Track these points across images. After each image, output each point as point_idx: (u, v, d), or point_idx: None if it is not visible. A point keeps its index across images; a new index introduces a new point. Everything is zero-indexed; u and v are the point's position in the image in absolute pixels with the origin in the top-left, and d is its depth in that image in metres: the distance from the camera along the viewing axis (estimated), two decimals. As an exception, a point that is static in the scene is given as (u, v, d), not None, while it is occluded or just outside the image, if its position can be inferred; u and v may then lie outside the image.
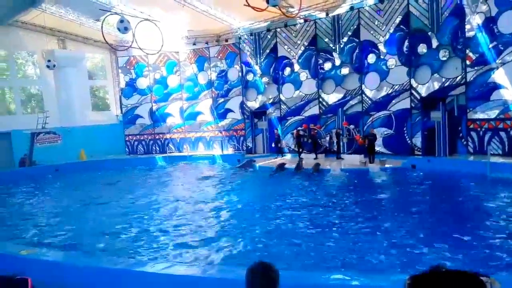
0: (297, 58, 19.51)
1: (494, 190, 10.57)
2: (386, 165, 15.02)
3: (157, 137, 24.08)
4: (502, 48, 13.72)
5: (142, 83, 23.88)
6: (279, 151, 19.60)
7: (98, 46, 24.56)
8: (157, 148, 24.04)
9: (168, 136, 23.93)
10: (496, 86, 14.00)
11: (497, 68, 13.90)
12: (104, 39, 15.66)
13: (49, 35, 22.71)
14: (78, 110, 23.74)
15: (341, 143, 17.76)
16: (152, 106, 23.88)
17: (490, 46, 13.99)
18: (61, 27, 22.51)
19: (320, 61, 18.77)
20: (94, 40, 23.88)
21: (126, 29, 15.20)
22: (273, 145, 20.22)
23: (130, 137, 24.36)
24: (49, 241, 8.16)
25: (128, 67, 23.97)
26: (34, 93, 25.37)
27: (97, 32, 18.70)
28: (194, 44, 22.51)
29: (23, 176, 18.38)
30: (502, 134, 14.04)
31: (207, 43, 22.44)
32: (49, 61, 19.65)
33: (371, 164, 15.03)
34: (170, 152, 23.43)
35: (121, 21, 15.11)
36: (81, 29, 22.30)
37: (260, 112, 21.36)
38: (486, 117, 14.41)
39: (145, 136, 24.22)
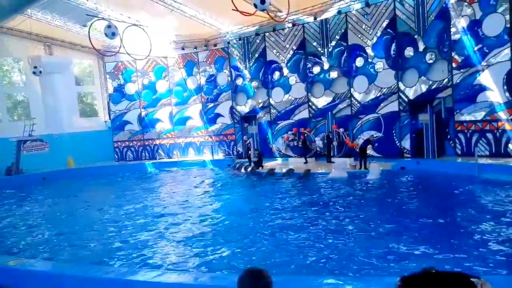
0: (286, 62, 19.59)
1: (483, 191, 10.71)
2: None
3: (146, 143, 23.90)
4: (487, 51, 13.96)
5: (131, 88, 23.71)
6: (249, 158, 19.01)
7: (85, 52, 24.36)
8: (147, 154, 23.85)
9: (157, 142, 23.77)
10: (482, 88, 14.22)
11: (483, 70, 14.14)
12: (91, 44, 15.53)
13: (35, 41, 22.47)
14: (65, 116, 23.51)
15: (331, 147, 17.84)
16: (141, 111, 23.72)
17: (475, 48, 14.23)
18: (47, 33, 22.28)
19: (309, 65, 18.88)
20: (81, 46, 23.69)
21: (113, 35, 15.08)
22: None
23: (119, 143, 24.14)
24: (36, 252, 8.02)
25: (116, 72, 23.79)
26: (20, 100, 25.03)
27: (84, 37, 18.57)
28: (182, 49, 22.48)
29: (10, 185, 18.04)
30: (489, 135, 14.25)
31: (195, 47, 22.41)
32: (35, 67, 19.40)
33: (372, 165, 14.52)
34: (160, 158, 23.27)
35: (109, 26, 15.00)
36: (68, 34, 22.10)
37: (250, 117, 21.35)
38: (473, 119, 14.63)
39: (134, 142, 24.02)
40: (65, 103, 23.50)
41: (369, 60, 17.04)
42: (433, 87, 15.56)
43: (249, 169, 17.62)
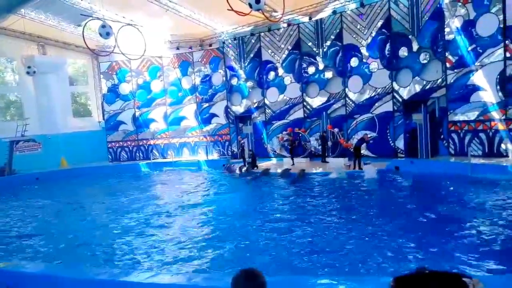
0: (281, 62, 19.59)
1: (476, 191, 10.78)
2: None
3: (140, 143, 23.80)
4: (480, 51, 14.04)
5: (125, 88, 23.59)
6: (243, 159, 18.85)
7: (79, 52, 24.21)
8: (141, 155, 23.74)
9: (152, 142, 23.68)
10: (475, 88, 14.31)
11: (476, 70, 14.22)
12: (86, 44, 15.41)
13: (28, 40, 22.28)
14: (59, 117, 23.32)
15: (326, 147, 17.85)
16: (135, 111, 23.62)
17: (469, 48, 14.31)
18: (41, 33, 22.10)
19: (304, 65, 18.89)
20: (75, 46, 23.54)
21: (108, 34, 15.00)
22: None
23: (113, 143, 24.00)
24: (28, 253, 7.95)
25: (110, 72, 23.67)
26: (13, 100, 24.82)
27: (78, 37, 18.42)
28: (177, 48, 22.41)
29: (2, 185, 17.88)
30: (482, 135, 14.34)
31: (190, 47, 22.35)
32: (29, 67, 19.27)
33: (367, 167, 14.63)
34: (154, 159, 23.17)
35: (103, 26, 14.93)
36: (61, 34, 21.93)
37: (245, 117, 21.33)
38: (466, 118, 14.71)
39: (128, 142, 23.90)
40: (58, 103, 23.32)
41: (364, 60, 17.08)
42: (427, 87, 15.63)
43: (244, 169, 17.58)
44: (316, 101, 18.81)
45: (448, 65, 14.97)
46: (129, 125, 23.74)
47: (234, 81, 21.39)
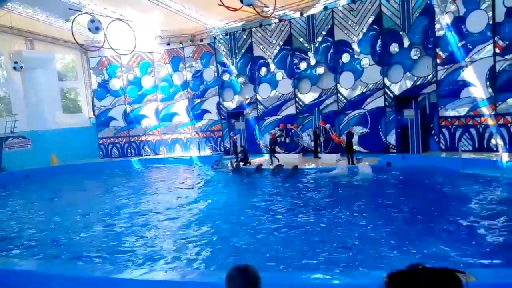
0: (272, 58, 19.55)
1: (466, 186, 10.91)
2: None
3: (132, 139, 23.61)
4: (470, 47, 14.18)
5: (115, 84, 23.36)
6: (236, 155, 18.80)
7: (68, 47, 23.84)
8: (133, 151, 23.57)
9: (143, 138, 23.50)
10: (466, 84, 14.46)
11: (466, 66, 14.36)
12: (74, 39, 15.22)
13: (16, 35, 21.89)
14: (48, 113, 22.97)
15: (318, 142, 17.90)
16: (126, 107, 23.41)
17: (459, 45, 14.44)
18: (29, 27, 21.73)
19: (296, 61, 18.88)
20: (64, 41, 23.18)
21: (97, 29, 14.83)
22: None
23: (104, 140, 23.79)
24: (20, 251, 7.87)
25: (100, 68, 23.40)
26: (2, 96, 24.42)
27: (67, 32, 18.16)
28: (168, 44, 22.22)
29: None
30: (472, 130, 14.51)
31: (181, 43, 22.19)
32: (15, 62, 18.94)
33: (360, 165, 14.48)
34: (146, 155, 23.03)
35: (92, 21, 14.74)
36: (50, 29, 21.59)
37: (237, 113, 21.27)
38: (456, 114, 14.86)
39: (120, 138, 23.70)
40: (47, 99, 22.94)
41: (355, 56, 17.13)
42: (418, 83, 15.74)
43: (234, 164, 17.54)
44: (308, 97, 18.83)
45: (438, 61, 15.10)
46: (120, 121, 23.52)
47: (225, 77, 21.30)
